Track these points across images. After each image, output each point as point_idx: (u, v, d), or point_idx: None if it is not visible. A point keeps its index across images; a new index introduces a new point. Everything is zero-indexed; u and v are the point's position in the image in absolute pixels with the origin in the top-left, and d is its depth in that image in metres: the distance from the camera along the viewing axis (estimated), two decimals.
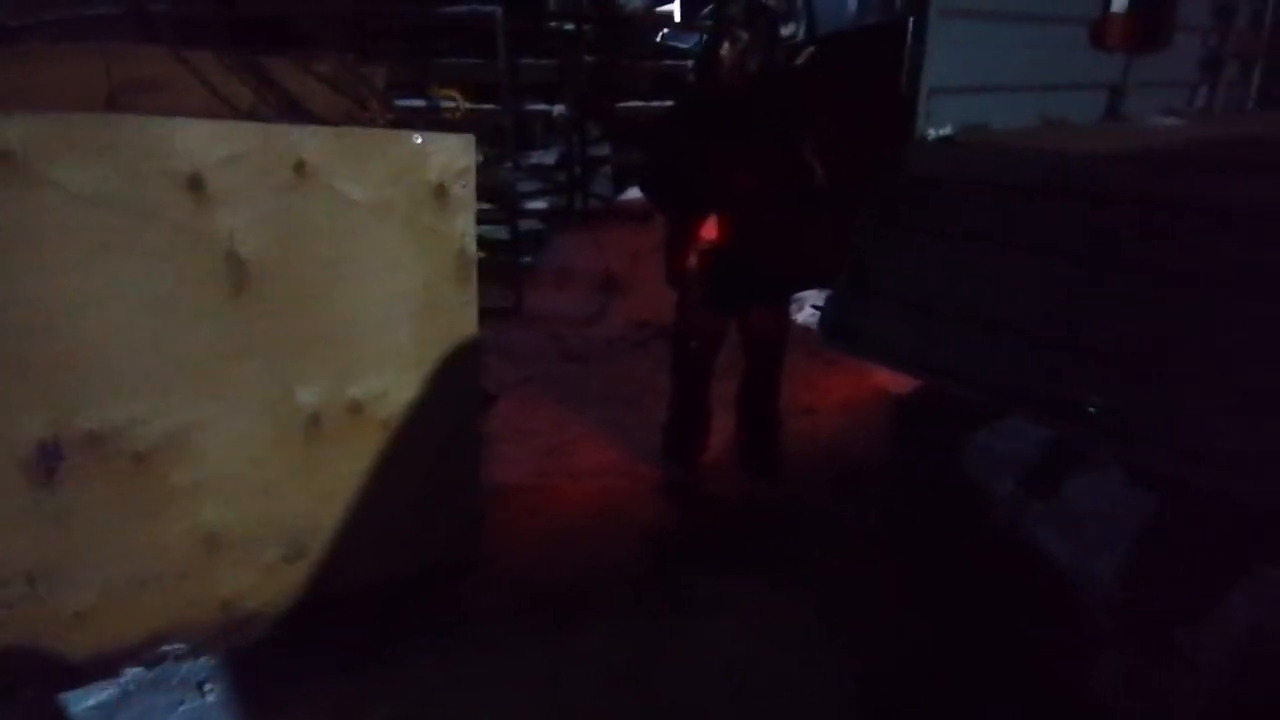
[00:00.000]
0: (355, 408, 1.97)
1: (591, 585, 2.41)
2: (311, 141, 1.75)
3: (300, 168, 1.75)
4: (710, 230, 2.62)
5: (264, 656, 1.97)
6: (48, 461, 1.63)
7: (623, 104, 5.64)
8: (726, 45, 2.63)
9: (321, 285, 1.84)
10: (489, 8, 4.44)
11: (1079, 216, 2.22)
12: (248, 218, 1.72)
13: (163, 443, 1.75)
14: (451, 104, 2.15)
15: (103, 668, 1.81)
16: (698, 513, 2.90)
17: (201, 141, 1.64)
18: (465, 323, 2.07)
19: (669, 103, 2.93)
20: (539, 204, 5.70)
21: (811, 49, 4.05)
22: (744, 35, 2.61)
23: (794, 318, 3.37)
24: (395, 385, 2.01)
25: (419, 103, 4.37)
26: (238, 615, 1.94)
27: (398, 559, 2.14)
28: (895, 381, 3.53)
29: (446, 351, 2.06)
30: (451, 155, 1.93)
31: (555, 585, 2.39)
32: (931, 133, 2.73)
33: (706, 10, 5.84)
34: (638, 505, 2.91)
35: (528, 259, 5.11)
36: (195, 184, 1.64)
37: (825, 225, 2.72)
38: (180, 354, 1.72)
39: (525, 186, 5.43)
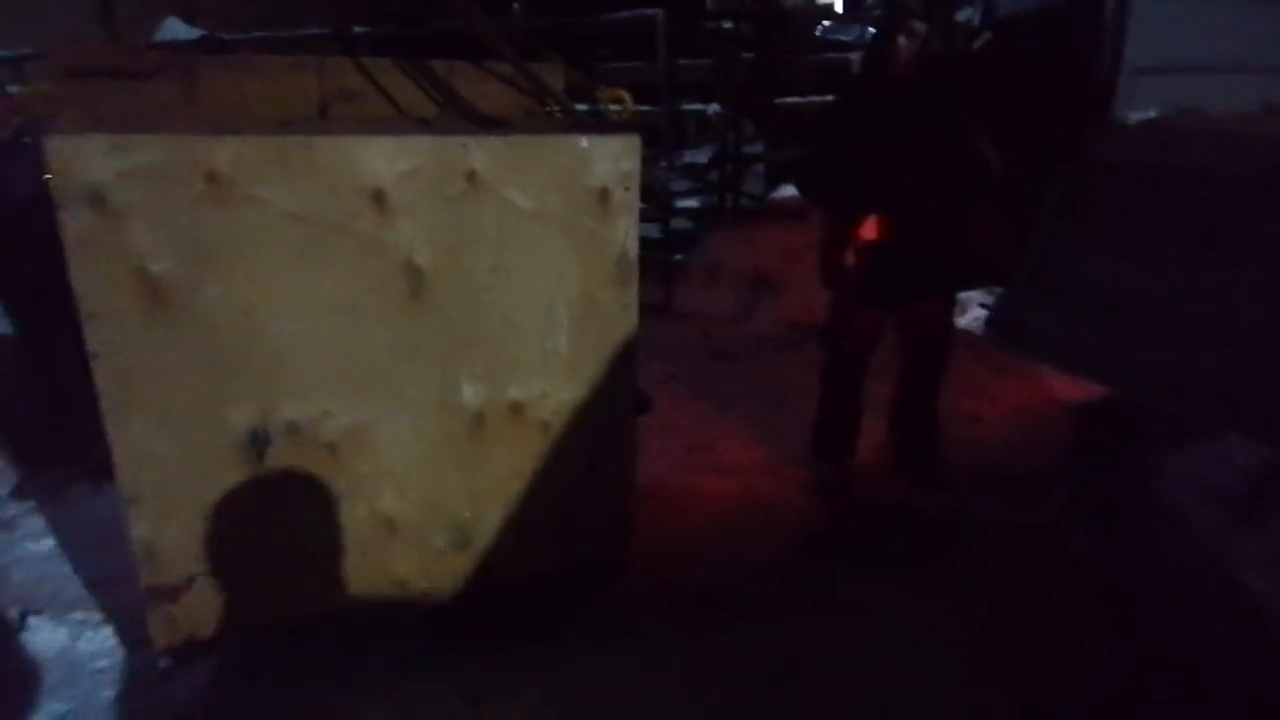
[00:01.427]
0: (516, 408, 2.04)
1: (739, 584, 2.40)
2: (481, 151, 1.82)
3: (471, 177, 1.83)
4: (871, 228, 2.51)
5: (431, 628, 2.11)
6: (258, 445, 1.82)
7: (780, 100, 5.53)
8: (902, 38, 2.49)
9: (487, 290, 1.91)
10: (651, 10, 4.48)
11: None
12: (424, 227, 1.82)
13: (348, 434, 1.89)
14: (619, 107, 2.16)
15: (292, 628, 2.01)
16: (848, 515, 2.81)
17: (384, 157, 1.75)
18: (624, 327, 2.08)
19: (831, 98, 2.83)
20: (691, 202, 5.72)
21: (989, 34, 3.79)
22: (921, 26, 2.47)
23: (958, 319, 3.19)
24: (554, 387, 2.06)
25: (587, 107, 4.50)
26: (411, 593, 2.07)
27: (552, 555, 2.20)
28: (1073, 390, 3.27)
29: (604, 355, 2.09)
30: (616, 158, 1.94)
31: (703, 582, 2.39)
32: (1133, 116, 2.47)
33: (874, 1, 5.60)
34: (785, 505, 2.86)
35: (679, 257, 5.16)
36: (379, 197, 1.76)
37: (996, 219, 2.54)
38: (363, 355, 1.85)
39: (678, 185, 5.46)
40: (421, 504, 2.01)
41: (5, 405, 3.26)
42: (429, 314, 1.88)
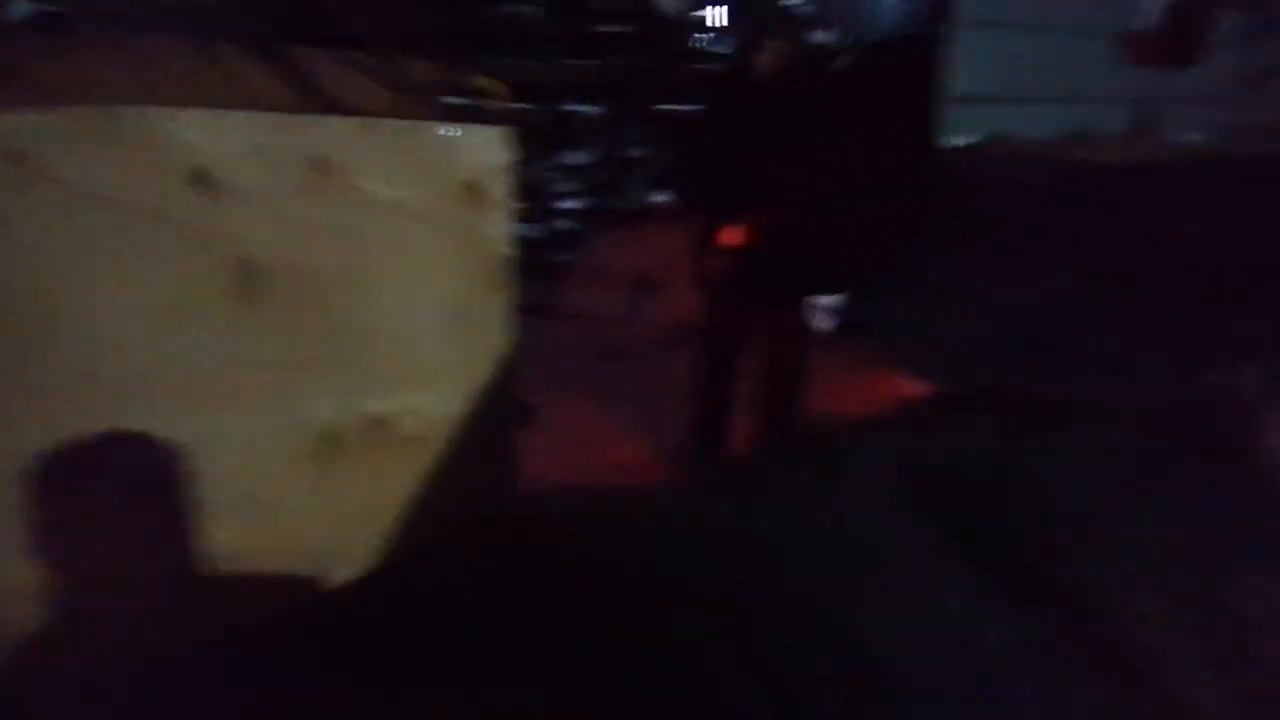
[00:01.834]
0: (377, 424, 1.82)
1: None
2: (334, 135, 1.61)
3: (321, 163, 1.61)
4: (736, 232, 2.62)
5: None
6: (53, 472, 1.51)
7: (662, 106, 5.64)
8: (759, 51, 2.67)
9: (340, 292, 1.69)
10: (529, 8, 4.39)
11: (1096, 226, 2.19)
12: (262, 218, 1.58)
13: (166, 461, 1.61)
14: (493, 100, 2.03)
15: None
16: None
17: (207, 133, 1.50)
18: (498, 333, 1.91)
19: (703, 106, 2.95)
20: (576, 203, 5.73)
21: (847, 56, 4.06)
22: (777, 42, 2.66)
23: (819, 323, 3.33)
24: (422, 401, 1.85)
25: (461, 101, 4.35)
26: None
27: None
28: (917, 386, 3.48)
29: (478, 363, 1.91)
30: (487, 150, 1.78)
31: None
32: (958, 140, 2.76)
33: (740, 15, 5.82)
34: None
35: (564, 258, 5.14)
36: (202, 180, 1.51)
37: (850, 227, 2.69)
38: (188, 364, 1.58)
39: (563, 186, 5.47)
40: (271, 535, 1.75)
41: None
42: (270, 317, 1.63)
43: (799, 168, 2.59)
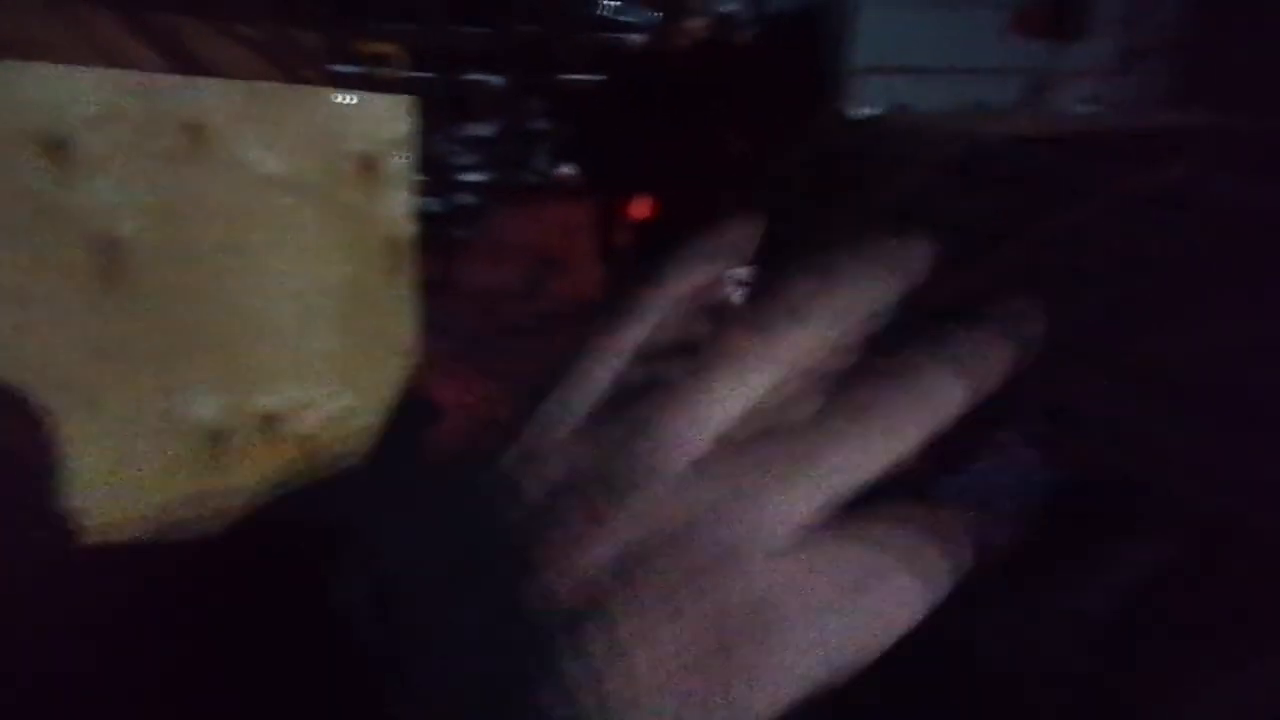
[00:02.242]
0: (270, 421, 1.67)
1: None
2: (209, 99, 1.44)
3: (195, 131, 1.44)
4: (640, 207, 2.55)
5: None
6: None
7: (565, 77, 5.52)
8: (667, 21, 2.62)
9: (220, 275, 1.54)
10: None
11: (992, 199, 2.25)
12: (126, 192, 1.41)
13: (16, 467, 1.43)
14: (390, 68, 1.88)
15: None
16: None
17: (66, 92, 1.32)
18: (399, 319, 1.79)
19: (606, 77, 2.89)
20: (476, 177, 5.56)
21: (751, 27, 4.05)
22: (684, 12, 2.60)
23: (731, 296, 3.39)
24: (319, 395, 1.72)
25: (354, 69, 4.11)
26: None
27: None
28: None
29: (378, 356, 1.78)
30: (383, 120, 1.64)
31: None
32: (857, 112, 2.76)
33: None
34: None
35: (462, 232, 5.01)
36: (57, 147, 1.33)
37: (755, 199, 2.72)
38: (42, 356, 1.40)
39: (463, 159, 5.30)
40: (147, 555, 1.58)
41: None
42: (136, 303, 1.46)
43: (702, 140, 2.58)
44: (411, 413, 1.88)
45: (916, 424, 0.33)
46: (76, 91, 1.33)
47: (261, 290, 1.59)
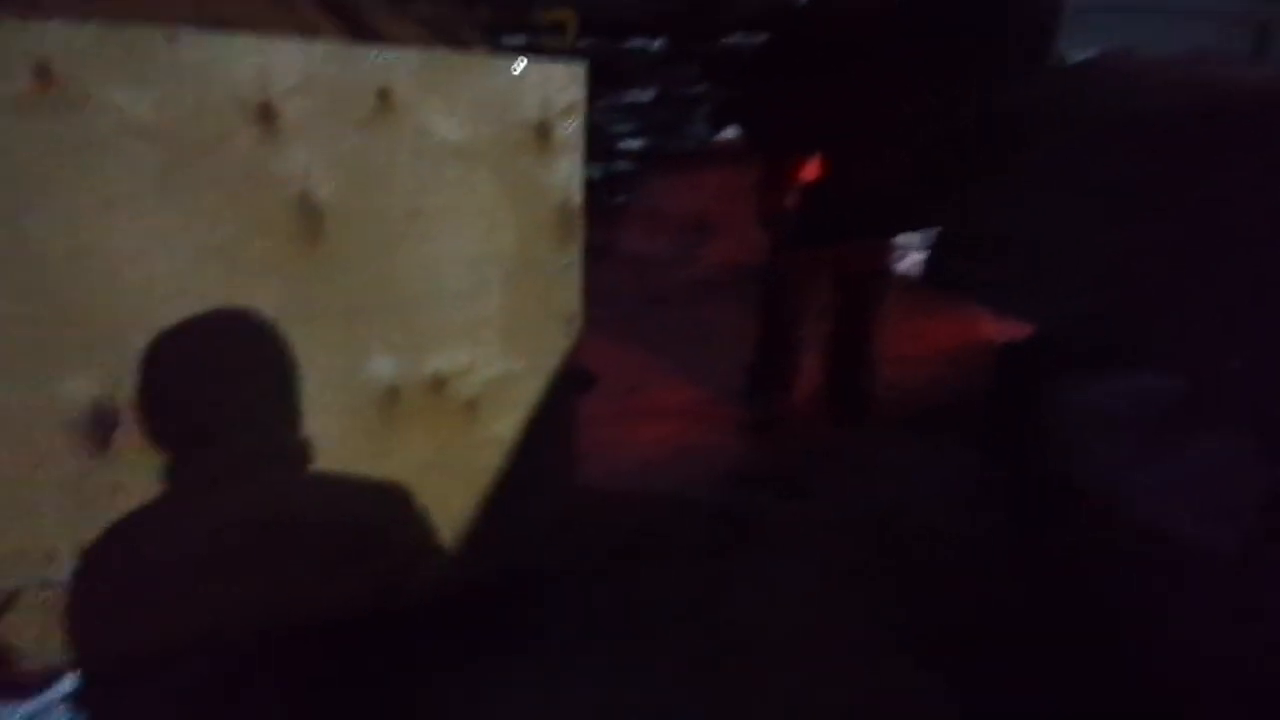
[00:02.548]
0: (438, 384, 1.72)
1: (663, 521, 2.41)
2: (398, 67, 1.48)
3: (384, 97, 1.48)
4: (806, 169, 2.46)
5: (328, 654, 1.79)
6: (103, 426, 1.46)
7: (724, 39, 5.40)
8: None
9: (403, 240, 1.59)
10: None
11: (1225, 156, 1.94)
12: (323, 156, 1.47)
13: (223, 414, 1.55)
14: (559, 34, 1.89)
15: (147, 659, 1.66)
16: (778, 454, 2.85)
17: (272, 63, 1.39)
18: (566, 289, 1.79)
19: (770, 34, 2.73)
20: (633, 143, 5.54)
21: None
22: None
23: (896, 264, 3.22)
24: (483, 360, 1.75)
25: (522, 39, 4.21)
26: (303, 612, 1.73)
27: (474, 563, 1.88)
28: (998, 333, 3.35)
29: (543, 322, 1.80)
30: (557, 87, 1.64)
31: (626, 520, 2.37)
32: (1072, 55, 2.46)
33: None
34: (717, 445, 2.89)
35: (619, 199, 5.01)
36: (265, 114, 1.40)
37: (937, 161, 2.50)
38: (241, 314, 1.51)
39: (620, 126, 5.29)
40: (318, 501, 1.68)
41: None
42: (329, 265, 1.54)
43: (876, 97, 2.39)
44: (569, 380, 1.90)
45: None
46: (280, 62, 1.40)
47: (437, 256, 1.64)
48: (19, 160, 1.28)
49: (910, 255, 3.97)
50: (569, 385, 1.89)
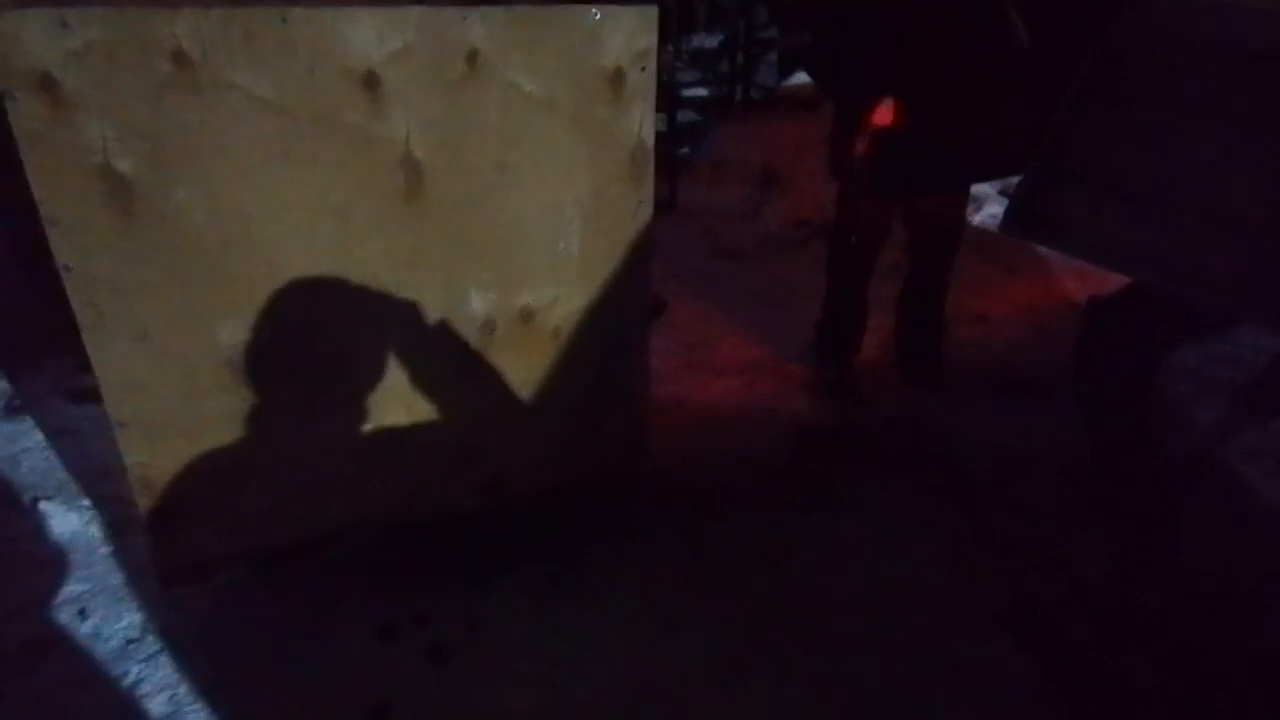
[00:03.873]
0: (527, 315, 1.91)
1: (735, 478, 2.40)
2: (482, 27, 1.60)
3: (472, 58, 1.61)
4: (884, 114, 2.31)
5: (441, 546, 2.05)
6: (253, 367, 1.69)
7: None
8: None
9: (493, 189, 1.74)
10: None
11: None
12: (421, 117, 1.62)
13: (348, 348, 1.77)
14: None
15: (300, 551, 1.96)
16: (847, 412, 2.78)
17: (373, 33, 1.53)
18: (637, 225, 1.93)
19: None
20: (699, 92, 5.36)
21: None
22: None
23: (970, 216, 3.04)
24: (566, 293, 1.93)
25: None
26: (422, 511, 2.02)
27: (565, 469, 2.15)
28: (1085, 290, 3.16)
29: (617, 257, 1.95)
30: (631, 34, 1.72)
31: (699, 476, 2.38)
32: None
33: None
34: (784, 402, 2.84)
35: (685, 150, 4.86)
36: (370, 82, 1.55)
37: (1022, 102, 2.35)
38: (359, 263, 1.69)
39: (685, 75, 5.07)
40: (430, 419, 1.92)
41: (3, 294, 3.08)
42: (430, 216, 1.71)
43: (952, 36, 2.25)
44: (641, 307, 2.04)
45: None
46: (381, 31, 1.54)
47: (523, 203, 1.79)
48: (163, 139, 1.46)
49: (986, 207, 3.82)
50: (642, 312, 2.05)
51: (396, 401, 1.87)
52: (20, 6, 1.33)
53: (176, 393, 1.66)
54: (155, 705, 1.63)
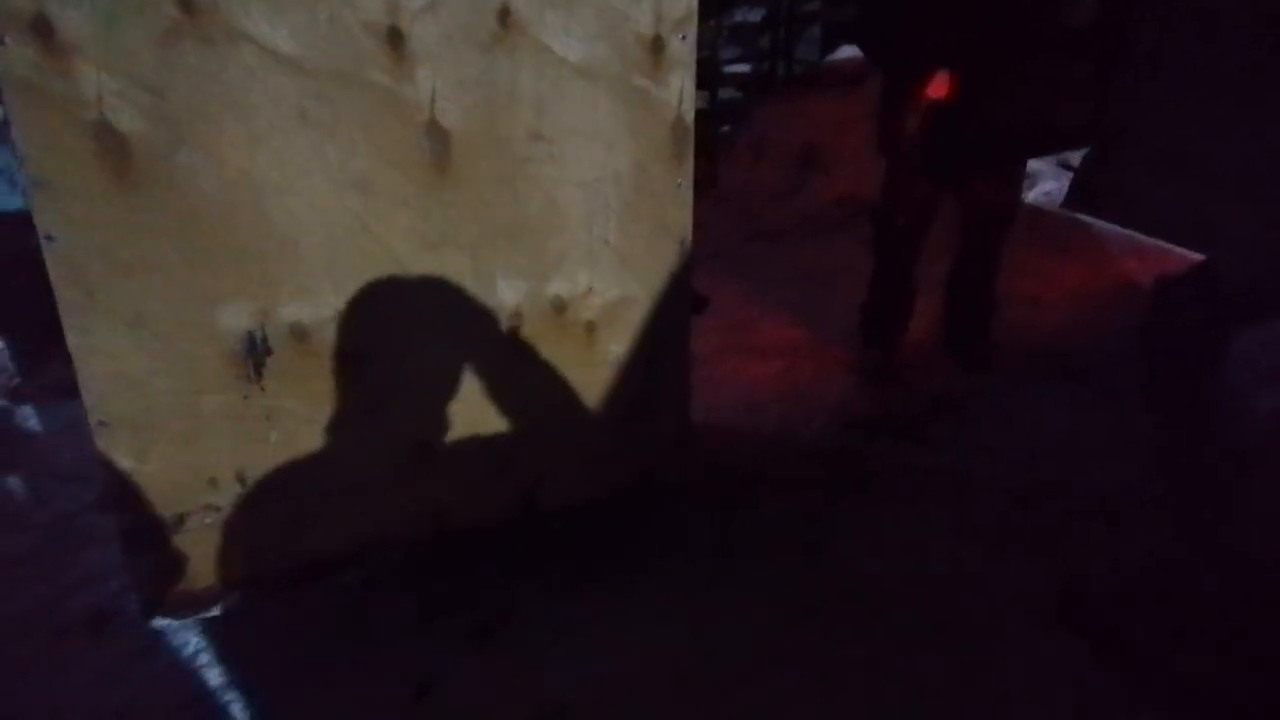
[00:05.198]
0: (559, 306, 1.75)
1: (775, 461, 2.32)
2: None
3: (504, 17, 1.49)
4: (938, 87, 2.20)
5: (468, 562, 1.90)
6: (256, 355, 1.51)
7: None
8: None
9: (527, 163, 1.60)
10: None
11: None
12: (449, 81, 1.49)
13: (365, 340, 1.59)
14: None
15: (307, 572, 1.74)
16: (892, 397, 2.70)
17: None
18: (679, 208, 1.78)
19: None
20: (740, 69, 5.25)
21: None
22: None
23: (1023, 194, 2.97)
24: (602, 282, 1.77)
25: None
26: (445, 524, 1.80)
27: (600, 474, 1.94)
28: (1143, 271, 3.05)
29: (658, 243, 1.80)
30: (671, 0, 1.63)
31: (739, 459, 2.31)
32: None
33: None
34: (826, 385, 2.77)
35: (725, 129, 4.77)
36: (395, 38, 1.43)
37: (1081, 73, 2.24)
38: (380, 243, 1.53)
39: (726, 51, 4.98)
40: (455, 421, 1.73)
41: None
42: (458, 192, 1.56)
43: (1013, 6, 2.14)
44: (683, 302, 1.89)
45: None
46: None
47: (558, 179, 1.65)
48: (170, 95, 1.32)
49: (1040, 184, 3.66)
50: (684, 308, 1.89)
51: (418, 402, 1.69)
52: None
53: (171, 388, 1.47)
54: (212, 676, 1.63)
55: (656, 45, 1.63)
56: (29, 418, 2.36)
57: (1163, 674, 1.60)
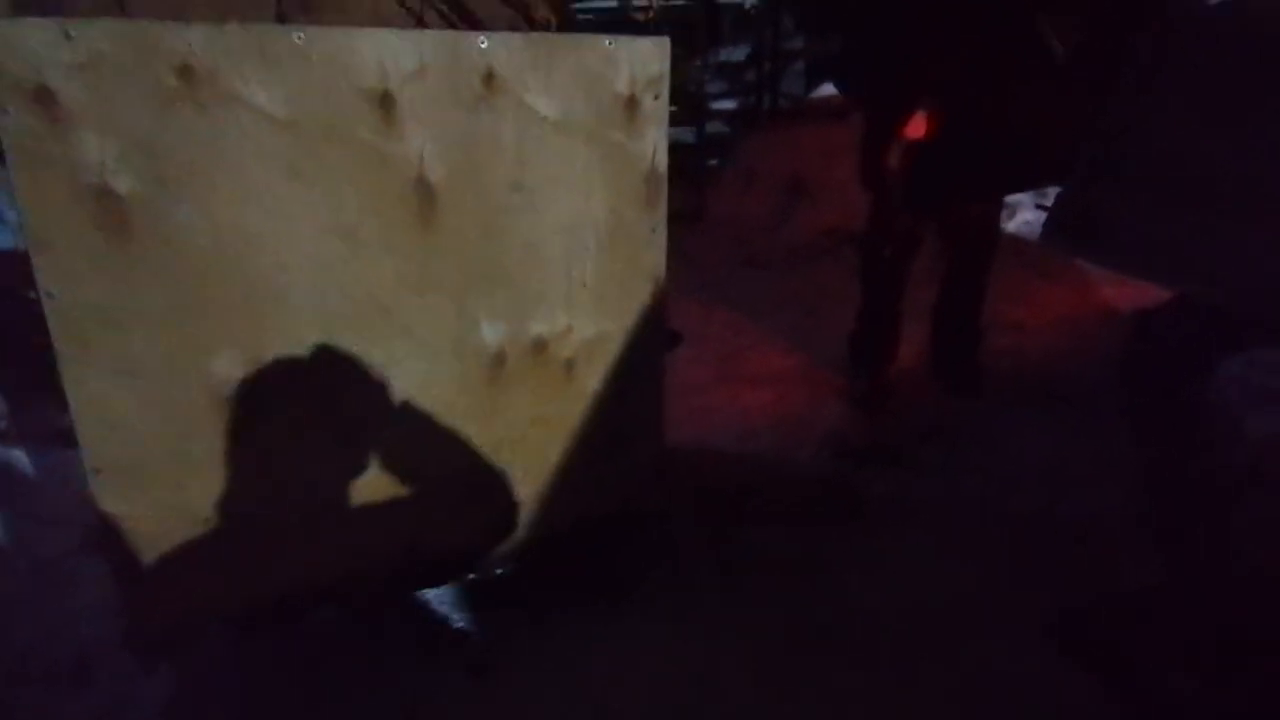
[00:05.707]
0: (539, 346, 1.84)
1: (768, 488, 2.36)
2: (501, 50, 1.57)
3: (489, 79, 1.57)
4: (916, 127, 2.27)
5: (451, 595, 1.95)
6: (250, 403, 1.57)
7: None
8: None
9: (507, 212, 1.68)
10: None
11: None
12: (436, 138, 1.56)
13: (349, 384, 1.66)
14: (644, 2, 1.92)
15: (290, 607, 1.79)
16: (882, 424, 2.75)
17: (389, 53, 1.48)
18: (653, 252, 1.88)
19: None
20: (727, 104, 5.40)
21: None
22: None
23: (1005, 224, 3.07)
24: (579, 322, 1.86)
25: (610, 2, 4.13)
26: (427, 558, 1.88)
27: (579, 507, 2.03)
28: (1124, 298, 3.16)
29: (633, 284, 1.89)
30: (643, 62, 1.71)
31: (732, 486, 2.35)
32: None
33: None
34: (817, 412, 2.81)
35: (713, 161, 4.89)
36: (385, 102, 1.50)
37: (1058, 111, 2.30)
38: (366, 290, 1.60)
39: (713, 87, 5.12)
40: (437, 458, 1.80)
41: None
42: (442, 240, 1.64)
43: (991, 46, 2.19)
44: (657, 339, 1.99)
45: None
46: (396, 51, 1.49)
47: (538, 226, 1.73)
48: (166, 156, 1.37)
49: (1019, 214, 3.81)
50: (658, 343, 1.99)
51: (402, 440, 1.76)
52: (16, 13, 1.24)
53: (162, 433, 1.52)
54: (201, 717, 1.65)
55: (631, 103, 1.73)
56: (16, 461, 2.38)
57: (1159, 695, 1.64)
